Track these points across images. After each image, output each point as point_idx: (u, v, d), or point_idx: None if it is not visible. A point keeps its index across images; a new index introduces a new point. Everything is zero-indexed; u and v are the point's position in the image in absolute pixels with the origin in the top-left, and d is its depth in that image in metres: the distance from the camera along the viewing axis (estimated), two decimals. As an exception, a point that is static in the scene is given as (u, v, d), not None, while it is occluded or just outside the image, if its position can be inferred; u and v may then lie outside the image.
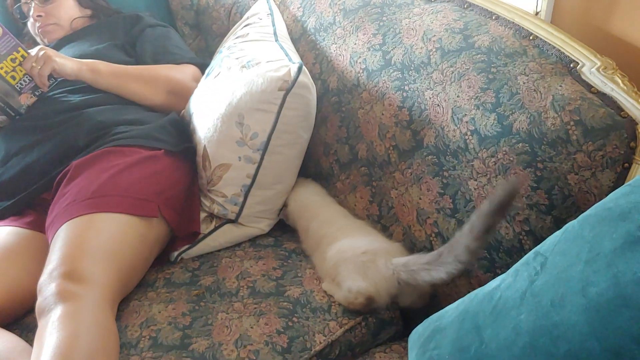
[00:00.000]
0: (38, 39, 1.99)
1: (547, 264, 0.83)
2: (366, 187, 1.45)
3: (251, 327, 1.22)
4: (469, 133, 1.21)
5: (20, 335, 1.24)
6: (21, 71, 1.61)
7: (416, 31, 1.37)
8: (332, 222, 1.42)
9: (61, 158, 1.49)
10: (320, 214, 1.46)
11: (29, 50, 1.62)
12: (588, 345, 0.71)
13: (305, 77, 1.40)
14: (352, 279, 1.25)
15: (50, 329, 1.09)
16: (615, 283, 0.71)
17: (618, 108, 1.06)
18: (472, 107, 1.21)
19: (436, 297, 1.31)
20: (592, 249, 0.77)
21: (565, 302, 0.76)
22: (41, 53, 1.60)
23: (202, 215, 1.52)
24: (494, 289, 0.90)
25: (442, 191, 1.27)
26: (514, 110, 1.15)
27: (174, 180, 1.48)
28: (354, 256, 1.27)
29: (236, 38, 1.66)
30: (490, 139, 1.17)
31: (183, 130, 1.61)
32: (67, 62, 1.63)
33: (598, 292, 0.72)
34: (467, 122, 1.21)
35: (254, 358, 1.17)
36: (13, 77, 1.60)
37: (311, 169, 1.63)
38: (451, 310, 0.97)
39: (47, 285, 1.17)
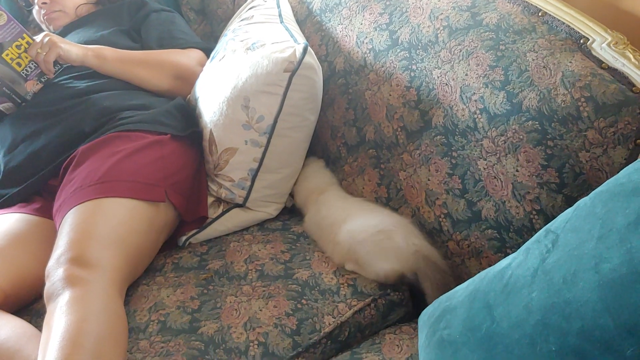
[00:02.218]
0: (43, 27, 1.98)
1: (559, 241, 0.82)
2: (374, 170, 1.44)
3: (260, 310, 1.22)
4: (478, 112, 1.19)
5: (30, 321, 1.24)
6: (27, 58, 1.60)
7: (423, 9, 1.35)
8: (330, 204, 1.42)
9: (68, 144, 1.49)
10: (319, 199, 1.46)
11: (34, 37, 1.61)
12: (601, 322, 0.70)
13: (311, 58, 1.38)
14: (376, 264, 1.25)
15: (59, 313, 1.09)
16: (629, 259, 0.70)
17: (630, 84, 1.04)
18: (481, 85, 1.19)
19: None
20: (605, 225, 0.76)
21: (578, 279, 0.74)
22: (46, 39, 1.59)
23: (210, 199, 1.51)
24: (504, 267, 0.89)
25: (451, 172, 1.25)
26: (523, 88, 1.13)
27: (181, 164, 1.47)
28: (369, 236, 1.27)
29: (241, 21, 1.65)
30: (499, 118, 1.16)
31: (189, 114, 1.60)
32: (73, 48, 1.62)
33: (611, 268, 0.71)
34: (476, 100, 1.20)
35: (263, 340, 1.16)
36: (19, 64, 1.59)
37: (319, 152, 1.61)
38: (461, 290, 0.96)
39: (55, 271, 1.16)
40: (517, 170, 1.13)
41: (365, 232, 1.28)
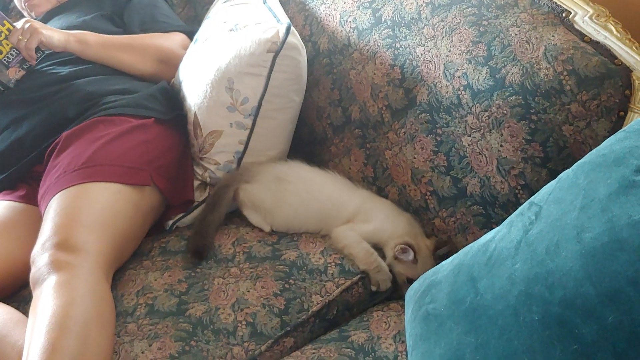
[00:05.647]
0: (25, 13, 1.95)
1: (542, 213, 0.83)
2: (360, 150, 1.44)
3: (248, 291, 1.22)
4: (461, 88, 1.19)
5: (17, 308, 1.24)
6: (8, 45, 1.57)
7: (406, -14, 1.35)
8: None
9: (51, 130, 1.47)
10: None
11: (15, 23, 1.59)
12: (583, 290, 0.70)
13: (294, 38, 1.38)
14: None
15: (45, 298, 1.09)
16: (610, 227, 0.71)
17: (612, 56, 1.04)
18: (464, 61, 1.19)
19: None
20: (587, 196, 0.77)
21: (560, 249, 0.75)
22: (27, 25, 1.57)
23: (196, 183, 1.51)
24: (488, 241, 0.90)
25: (436, 149, 1.25)
26: (506, 63, 1.13)
27: (165, 148, 1.47)
28: None
29: (224, 3, 1.63)
30: (483, 93, 1.15)
31: (173, 98, 1.58)
32: (54, 34, 1.60)
33: (593, 237, 0.72)
34: (459, 77, 1.20)
35: (252, 320, 1.16)
36: (0, 51, 1.57)
37: (305, 134, 1.61)
38: (446, 265, 0.96)
39: (40, 256, 1.16)
40: (501, 146, 1.13)
41: None
